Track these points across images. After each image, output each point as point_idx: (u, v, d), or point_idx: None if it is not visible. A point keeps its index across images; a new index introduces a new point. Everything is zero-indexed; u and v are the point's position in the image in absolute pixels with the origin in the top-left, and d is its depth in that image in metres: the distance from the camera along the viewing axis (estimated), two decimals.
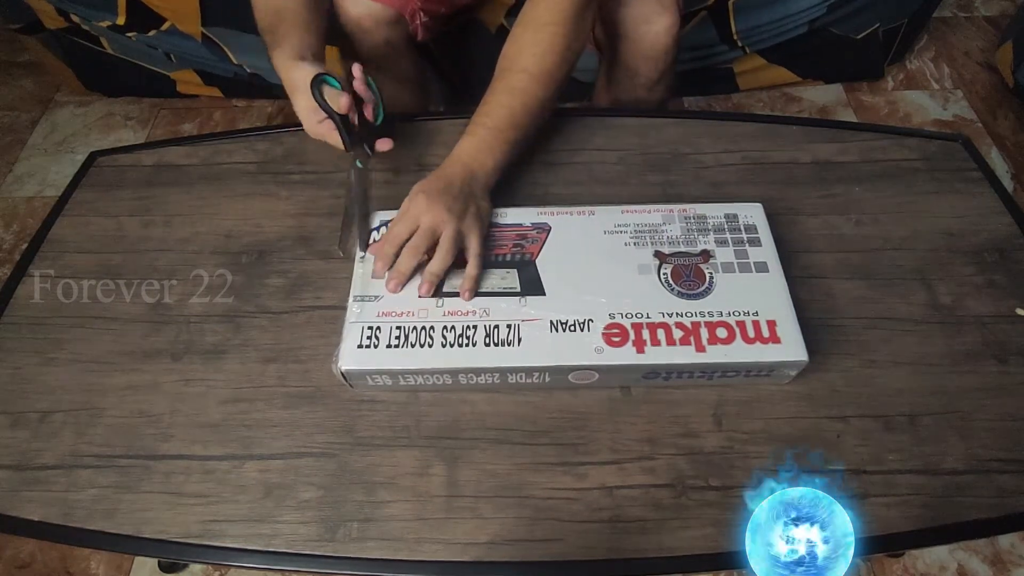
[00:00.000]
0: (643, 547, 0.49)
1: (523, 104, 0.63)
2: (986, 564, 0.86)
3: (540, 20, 0.64)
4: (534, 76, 0.63)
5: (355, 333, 0.54)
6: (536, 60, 0.63)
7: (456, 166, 0.61)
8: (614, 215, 0.61)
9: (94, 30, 1.28)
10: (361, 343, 0.53)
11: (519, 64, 0.64)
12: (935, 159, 0.72)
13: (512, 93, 0.63)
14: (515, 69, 0.64)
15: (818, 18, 1.23)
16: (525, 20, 0.65)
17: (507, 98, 0.63)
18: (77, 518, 0.51)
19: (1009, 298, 0.61)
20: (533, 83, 0.63)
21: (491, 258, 0.58)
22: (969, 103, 1.40)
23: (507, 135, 0.62)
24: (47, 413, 0.56)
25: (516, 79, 0.64)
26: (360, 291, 0.57)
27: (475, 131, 0.62)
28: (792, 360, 0.52)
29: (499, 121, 0.62)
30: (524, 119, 0.63)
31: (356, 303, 0.56)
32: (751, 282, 0.56)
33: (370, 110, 0.66)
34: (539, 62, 0.63)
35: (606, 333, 0.53)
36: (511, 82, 0.64)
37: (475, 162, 0.61)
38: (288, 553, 0.49)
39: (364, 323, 0.54)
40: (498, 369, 0.53)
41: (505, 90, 0.64)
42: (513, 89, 0.63)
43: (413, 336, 0.54)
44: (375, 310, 0.55)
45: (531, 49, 0.64)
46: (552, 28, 0.63)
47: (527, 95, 0.63)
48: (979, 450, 0.52)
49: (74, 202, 0.71)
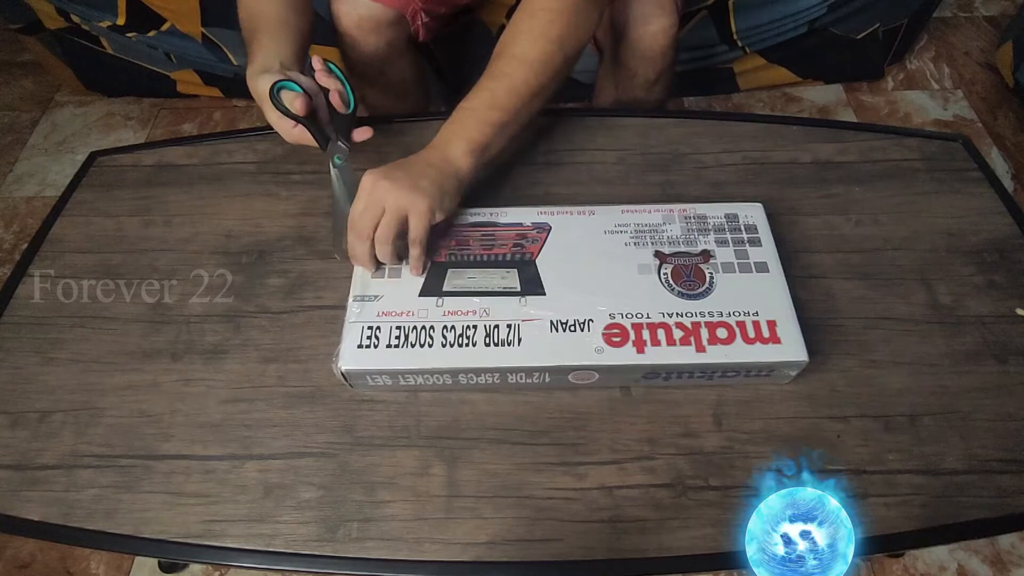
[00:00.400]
0: (643, 547, 0.49)
1: (507, 87, 0.60)
2: (986, 564, 0.86)
3: (538, 6, 0.62)
4: (523, 61, 0.61)
5: (355, 333, 0.54)
6: (527, 46, 0.61)
7: (425, 150, 0.58)
8: (614, 215, 0.61)
9: (94, 30, 1.28)
10: (361, 343, 0.53)
11: (509, 50, 0.61)
12: (935, 159, 0.72)
13: (496, 77, 0.61)
14: (505, 55, 0.61)
15: (818, 18, 1.23)
16: (524, 8, 0.63)
17: (489, 81, 0.61)
18: (77, 518, 0.51)
19: (1009, 298, 0.61)
20: (522, 67, 0.60)
21: (491, 258, 0.58)
22: (969, 103, 1.40)
23: (485, 115, 0.59)
24: (47, 413, 0.56)
25: (503, 64, 0.61)
26: (360, 291, 0.57)
27: (453, 116, 0.60)
28: (792, 360, 0.52)
29: (478, 103, 0.59)
30: (508, 101, 0.60)
31: (356, 303, 0.56)
32: (751, 282, 0.56)
33: (337, 97, 0.64)
34: (531, 47, 0.61)
35: (606, 333, 0.53)
36: (498, 67, 0.61)
37: (443, 142, 0.58)
38: (288, 553, 0.49)
39: (364, 323, 0.54)
40: (498, 369, 0.53)
41: (490, 75, 0.61)
42: (498, 73, 0.61)
43: (413, 336, 0.54)
44: (375, 310, 0.55)
45: (524, 35, 0.61)
46: (547, 15, 0.61)
47: (513, 78, 0.60)
48: (979, 450, 0.52)
49: (74, 202, 0.71)
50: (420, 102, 1.04)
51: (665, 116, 0.78)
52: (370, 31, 0.84)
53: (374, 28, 0.84)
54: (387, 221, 0.54)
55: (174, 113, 1.45)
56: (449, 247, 0.59)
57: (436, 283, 0.57)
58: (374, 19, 0.83)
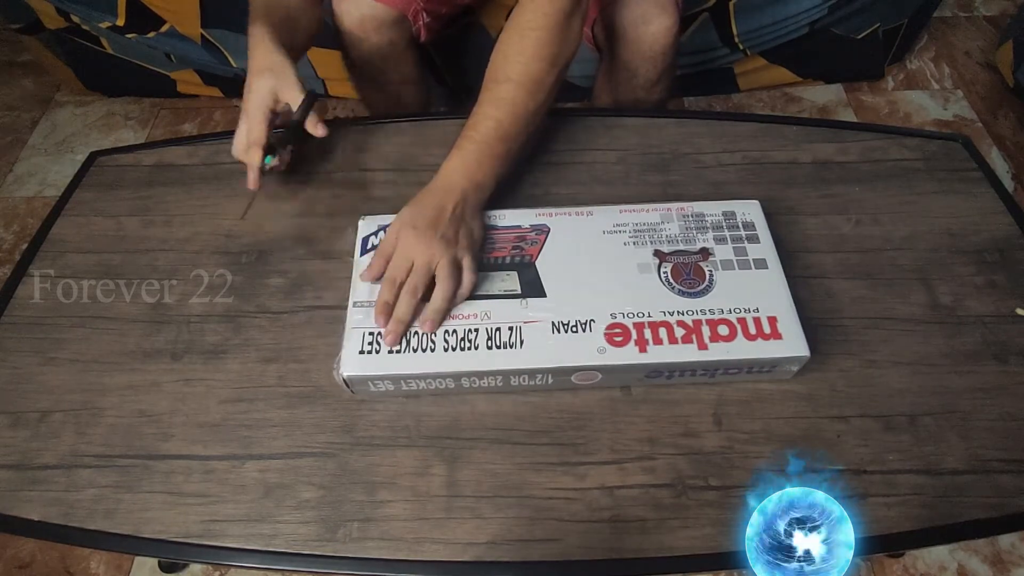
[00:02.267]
0: (643, 547, 0.49)
1: (511, 115, 0.62)
2: (986, 564, 0.86)
3: (525, 26, 0.62)
4: (521, 84, 0.62)
5: (356, 339, 0.54)
6: (522, 68, 0.62)
7: (445, 187, 0.59)
8: (612, 215, 0.61)
9: (94, 30, 1.28)
10: (362, 349, 0.53)
11: (504, 73, 0.62)
12: (935, 159, 0.72)
13: (498, 104, 0.62)
14: (500, 79, 0.62)
15: (819, 19, 1.22)
16: (511, 26, 0.64)
17: (493, 110, 0.62)
18: (77, 518, 0.51)
19: (1009, 298, 0.61)
20: (520, 92, 0.62)
21: (491, 261, 0.58)
22: (969, 103, 1.40)
23: (496, 149, 0.61)
24: (47, 413, 0.56)
25: (503, 90, 0.62)
26: (359, 297, 0.56)
27: (463, 146, 0.61)
28: (794, 356, 0.52)
29: (487, 135, 0.61)
30: (513, 129, 0.62)
31: (356, 309, 0.55)
32: (751, 279, 0.56)
33: (315, 125, 0.66)
34: (525, 70, 0.62)
35: (608, 333, 0.53)
36: (497, 93, 0.62)
37: (465, 180, 0.59)
38: (288, 553, 0.49)
39: (365, 329, 0.54)
40: (501, 372, 0.53)
41: (491, 101, 0.62)
42: (500, 100, 0.62)
43: (415, 341, 0.53)
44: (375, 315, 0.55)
45: (516, 57, 0.62)
46: (537, 34, 0.62)
47: (515, 105, 0.62)
48: (979, 450, 0.52)
49: (74, 202, 0.71)
50: (420, 102, 1.04)
51: (665, 116, 0.78)
52: (372, 30, 0.84)
53: (376, 28, 0.84)
54: (416, 272, 0.55)
55: (174, 113, 1.44)
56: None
57: None
58: (376, 19, 0.83)
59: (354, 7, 0.83)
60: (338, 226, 0.66)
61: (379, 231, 0.60)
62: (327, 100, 1.43)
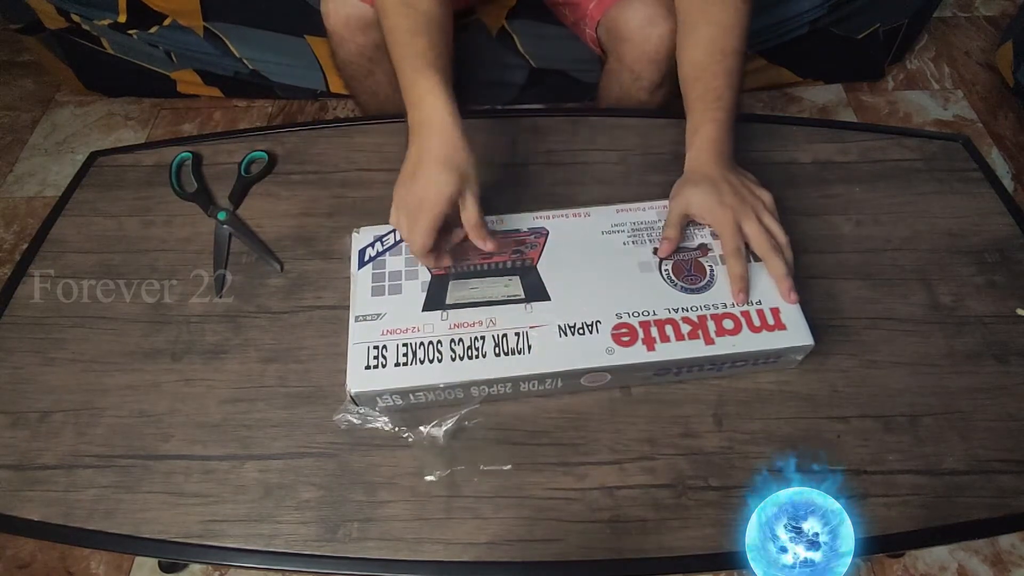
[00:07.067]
0: (643, 547, 0.49)
1: (730, 85, 0.65)
2: (986, 564, 0.86)
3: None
4: (729, 53, 0.67)
5: (360, 354, 0.52)
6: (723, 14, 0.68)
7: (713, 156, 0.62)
8: (609, 215, 0.61)
9: (94, 30, 1.28)
10: (368, 364, 0.52)
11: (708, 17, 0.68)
12: (935, 159, 0.72)
13: (728, 75, 0.65)
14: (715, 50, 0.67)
15: (819, 19, 1.22)
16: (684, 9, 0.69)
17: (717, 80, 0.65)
18: (77, 518, 0.51)
19: (1009, 298, 0.61)
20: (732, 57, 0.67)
21: (491, 267, 0.58)
22: (969, 103, 1.40)
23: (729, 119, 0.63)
24: (47, 413, 0.56)
25: (718, 63, 0.66)
26: (360, 310, 0.55)
27: (699, 130, 0.63)
28: (799, 345, 0.52)
29: (721, 114, 0.63)
30: (732, 99, 0.64)
31: (358, 323, 0.54)
32: (750, 271, 0.56)
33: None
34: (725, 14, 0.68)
35: (615, 333, 0.53)
36: (725, 65, 0.66)
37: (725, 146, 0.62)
38: (288, 553, 0.49)
39: (369, 343, 0.53)
40: (511, 379, 0.52)
41: (715, 72, 0.65)
42: (729, 71, 0.65)
43: (421, 352, 0.52)
44: (379, 328, 0.54)
45: (716, 4, 0.68)
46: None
47: (732, 75, 0.66)
48: (979, 450, 0.52)
49: (74, 202, 0.71)
50: None
51: (666, 116, 0.77)
52: (357, 30, 0.83)
53: (361, 28, 0.83)
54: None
55: (174, 113, 1.44)
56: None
57: (439, 296, 0.56)
58: (362, 19, 0.82)
59: (340, 6, 0.81)
60: (338, 226, 0.66)
61: (375, 242, 0.59)
62: (327, 99, 1.43)
